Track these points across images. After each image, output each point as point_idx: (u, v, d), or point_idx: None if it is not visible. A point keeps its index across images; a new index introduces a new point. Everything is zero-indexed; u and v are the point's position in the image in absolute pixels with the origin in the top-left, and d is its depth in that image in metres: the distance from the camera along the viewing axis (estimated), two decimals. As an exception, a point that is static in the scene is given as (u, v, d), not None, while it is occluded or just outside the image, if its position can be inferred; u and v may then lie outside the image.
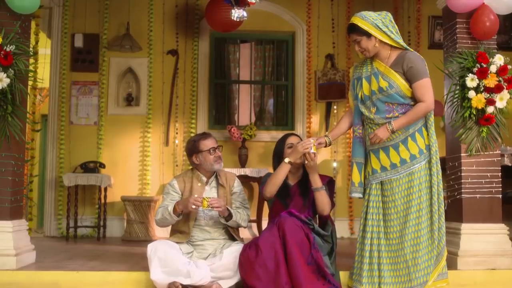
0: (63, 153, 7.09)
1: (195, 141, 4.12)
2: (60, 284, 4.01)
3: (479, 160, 4.38)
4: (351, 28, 3.81)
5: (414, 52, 3.83)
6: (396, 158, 3.75)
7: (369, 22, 3.73)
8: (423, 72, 3.72)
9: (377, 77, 3.79)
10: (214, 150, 4.08)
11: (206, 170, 4.13)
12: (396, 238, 3.72)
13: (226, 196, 4.14)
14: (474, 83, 4.24)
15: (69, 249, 5.69)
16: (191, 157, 4.14)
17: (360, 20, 3.75)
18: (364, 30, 3.74)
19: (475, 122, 4.32)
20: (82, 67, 7.20)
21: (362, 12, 3.80)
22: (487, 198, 4.38)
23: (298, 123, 7.34)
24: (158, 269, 3.81)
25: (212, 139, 4.14)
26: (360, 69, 3.98)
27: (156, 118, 7.22)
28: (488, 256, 4.28)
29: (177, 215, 3.98)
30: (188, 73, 7.32)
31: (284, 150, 4.05)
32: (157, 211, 4.11)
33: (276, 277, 3.61)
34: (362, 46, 3.80)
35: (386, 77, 3.76)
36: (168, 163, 7.20)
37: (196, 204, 3.85)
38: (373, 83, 3.81)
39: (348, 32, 3.88)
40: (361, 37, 3.77)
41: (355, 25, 3.77)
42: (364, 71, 3.92)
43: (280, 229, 3.74)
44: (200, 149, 4.08)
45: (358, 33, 3.77)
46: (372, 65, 3.88)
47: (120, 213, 7.04)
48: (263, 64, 7.67)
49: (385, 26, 3.75)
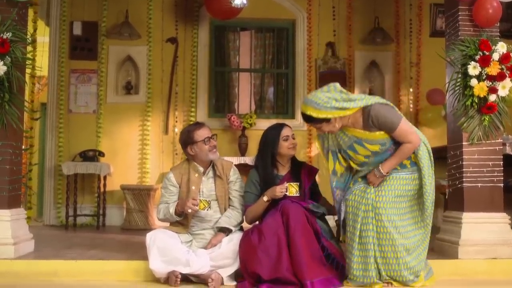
0: (62, 142, 7.06)
1: (189, 132, 4.06)
2: (58, 273, 3.98)
3: (481, 149, 4.35)
4: (307, 119, 3.63)
5: (374, 104, 3.59)
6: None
7: (323, 108, 3.51)
8: (395, 119, 3.56)
9: (361, 144, 3.64)
10: (209, 139, 4.03)
11: (202, 160, 4.09)
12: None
13: (223, 186, 4.11)
14: (476, 71, 4.20)
15: (68, 238, 5.67)
16: (186, 148, 4.09)
17: (313, 111, 3.53)
18: (320, 119, 3.55)
19: (477, 110, 4.29)
20: (80, 55, 7.16)
21: (310, 98, 3.59)
22: (489, 187, 4.35)
23: (298, 111, 7.25)
24: (157, 258, 3.80)
25: (206, 128, 4.07)
26: (333, 141, 3.80)
27: (156, 107, 7.19)
28: (489, 246, 4.25)
29: (179, 216, 3.99)
30: (188, 61, 7.27)
31: (279, 142, 3.99)
32: (158, 209, 4.10)
33: (278, 263, 3.61)
34: (324, 130, 3.65)
35: (373, 140, 3.61)
36: (167, 151, 7.17)
37: (192, 208, 3.85)
38: (361, 150, 3.66)
39: (304, 120, 3.72)
40: (320, 124, 3.61)
41: (309, 117, 3.58)
42: (341, 142, 3.75)
43: (283, 215, 3.73)
44: (195, 139, 4.02)
45: (316, 122, 3.60)
46: (345, 133, 3.70)
47: (120, 201, 7.01)
48: (263, 52, 7.62)
49: (339, 101, 3.52)
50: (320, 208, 3.95)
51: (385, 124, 3.55)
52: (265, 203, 3.93)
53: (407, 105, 7.41)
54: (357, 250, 3.64)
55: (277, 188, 3.87)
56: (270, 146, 4.02)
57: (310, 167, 4.20)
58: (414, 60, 7.44)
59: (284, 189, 3.85)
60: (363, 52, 7.42)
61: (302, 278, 3.54)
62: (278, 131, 4.01)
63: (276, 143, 3.99)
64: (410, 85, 7.43)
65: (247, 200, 4.06)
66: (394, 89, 7.42)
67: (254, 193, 4.05)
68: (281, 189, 3.86)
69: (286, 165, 4.10)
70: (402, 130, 3.56)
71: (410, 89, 7.42)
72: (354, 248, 3.65)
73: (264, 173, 4.02)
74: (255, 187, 4.06)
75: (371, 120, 3.56)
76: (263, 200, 3.94)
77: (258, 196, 4.03)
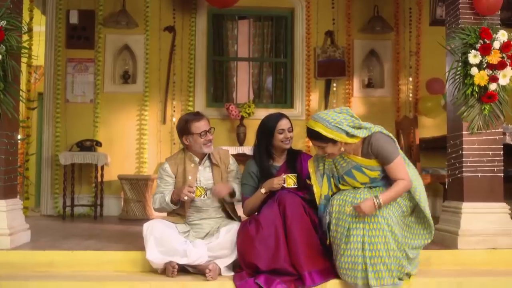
0: (59, 132, 7.02)
1: (187, 122, 4.00)
2: (55, 264, 3.95)
3: (481, 138, 4.32)
4: (314, 136, 3.52)
5: (377, 133, 3.56)
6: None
7: (334, 129, 3.44)
8: (392, 152, 3.52)
9: (361, 170, 3.59)
10: (206, 133, 3.98)
11: (196, 151, 4.05)
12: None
13: (221, 174, 4.08)
14: (477, 60, 4.15)
15: (65, 228, 5.64)
16: (181, 137, 4.06)
17: (324, 129, 3.45)
18: (327, 138, 3.47)
19: (477, 99, 4.24)
20: (77, 44, 7.09)
21: (322, 116, 3.51)
22: (489, 177, 4.32)
23: (297, 100, 7.27)
24: (154, 249, 3.77)
25: (204, 120, 4.01)
26: (329, 165, 3.74)
27: (153, 96, 7.14)
28: (489, 236, 4.23)
29: (175, 204, 3.96)
30: (186, 50, 7.21)
31: (275, 135, 3.93)
32: (154, 199, 4.06)
33: (275, 254, 3.59)
34: (327, 151, 3.55)
35: (373, 167, 3.58)
36: (165, 141, 7.12)
37: (188, 196, 3.81)
38: (360, 176, 3.61)
39: (308, 136, 3.62)
40: (326, 144, 3.51)
41: (318, 134, 3.48)
42: (338, 167, 3.68)
43: (280, 205, 3.70)
44: (191, 131, 3.97)
45: (321, 141, 3.50)
46: (344, 158, 3.64)
47: (117, 191, 6.98)
48: (261, 41, 7.56)
49: (350, 127, 3.48)
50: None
51: (382, 153, 3.51)
52: (263, 195, 3.90)
53: (406, 94, 7.36)
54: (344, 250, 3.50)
55: (275, 180, 3.83)
56: (266, 137, 3.97)
57: (306, 155, 4.15)
58: (414, 49, 7.38)
59: (281, 181, 3.81)
60: (362, 40, 7.36)
61: (300, 269, 3.53)
62: (275, 122, 3.95)
63: (272, 134, 3.94)
64: (410, 74, 7.38)
65: (245, 192, 4.02)
66: (393, 78, 7.37)
67: (251, 185, 4.02)
68: (279, 181, 3.81)
69: (282, 156, 4.06)
70: (397, 165, 3.51)
71: (409, 78, 7.37)
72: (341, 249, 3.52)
73: (260, 164, 3.98)
74: (252, 179, 4.02)
75: (370, 147, 3.53)
76: (260, 193, 3.90)
77: (255, 188, 3.99)
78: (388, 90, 7.36)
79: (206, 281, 3.64)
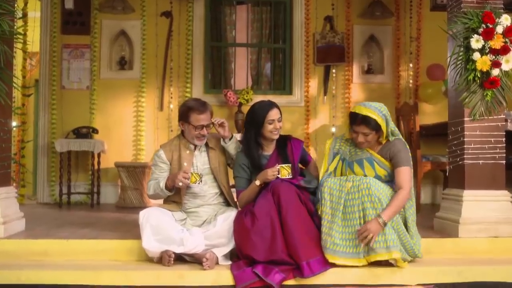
0: (55, 119, 6.95)
1: (189, 109, 3.92)
2: (49, 252, 3.89)
3: (483, 125, 4.25)
4: (365, 121, 3.56)
5: (400, 139, 3.72)
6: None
7: (383, 118, 3.58)
8: (408, 160, 3.64)
9: (372, 163, 3.68)
10: (202, 128, 3.91)
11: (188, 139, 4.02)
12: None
13: (218, 157, 4.04)
14: (479, 45, 4.08)
15: (61, 216, 5.58)
16: (179, 121, 4.03)
17: (377, 116, 3.55)
18: (378, 126, 3.56)
19: (479, 85, 4.17)
20: (73, 30, 7.00)
21: (372, 104, 3.62)
22: (490, 164, 4.26)
23: (296, 87, 7.18)
24: (150, 237, 3.72)
25: (206, 114, 3.92)
26: (344, 146, 3.81)
27: (150, 82, 7.06)
28: (490, 224, 4.18)
29: (169, 190, 3.90)
30: (183, 35, 7.12)
31: (265, 125, 3.83)
32: (148, 185, 4.01)
33: (272, 245, 3.53)
34: (368, 139, 3.62)
35: (384, 165, 3.68)
36: (162, 128, 7.05)
37: (183, 182, 3.74)
38: (368, 169, 3.69)
39: (356, 122, 3.60)
40: (371, 132, 3.58)
41: (370, 120, 3.55)
42: (353, 153, 3.76)
43: (274, 195, 3.64)
44: (189, 120, 3.92)
45: (370, 128, 3.57)
46: (361, 148, 3.73)
47: (114, 179, 6.92)
48: (260, 27, 7.47)
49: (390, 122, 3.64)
50: (312, 183, 3.86)
51: (398, 157, 3.61)
52: (258, 187, 3.82)
53: (406, 80, 7.28)
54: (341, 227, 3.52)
55: (269, 171, 3.75)
56: (254, 127, 3.87)
57: (296, 140, 4.04)
58: (414, 35, 7.29)
59: (275, 172, 3.74)
60: (362, 26, 7.27)
61: (298, 259, 3.47)
62: (265, 112, 3.83)
63: (261, 124, 3.84)
64: (410, 60, 7.29)
65: (239, 185, 3.94)
66: (394, 64, 7.29)
67: (244, 177, 3.94)
68: (273, 172, 3.74)
69: (272, 144, 3.97)
70: (407, 172, 3.59)
71: (409, 64, 7.29)
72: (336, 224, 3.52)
73: (249, 154, 3.90)
74: (244, 171, 3.94)
75: (389, 149, 3.64)
76: (255, 185, 3.82)
77: (248, 180, 3.92)
78: (388, 76, 7.29)
79: (203, 270, 3.58)
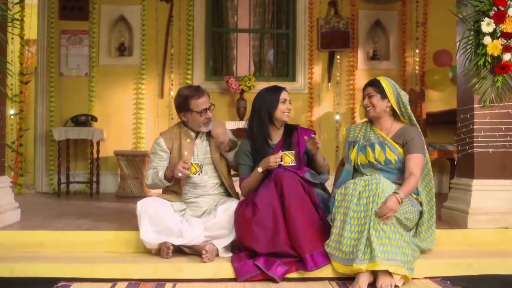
0: (53, 106, 6.86)
1: (186, 98, 3.79)
2: (44, 244, 3.77)
3: (493, 112, 4.11)
4: (371, 83, 3.74)
5: (417, 127, 3.71)
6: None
7: (393, 88, 3.70)
8: (422, 149, 3.61)
9: (383, 147, 3.66)
10: (206, 111, 3.78)
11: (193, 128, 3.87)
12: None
13: (218, 148, 3.89)
14: (490, 28, 3.93)
15: (59, 206, 5.47)
16: (179, 113, 3.87)
17: (384, 80, 3.72)
18: (382, 89, 3.68)
19: (489, 70, 4.02)
20: (71, 15, 6.89)
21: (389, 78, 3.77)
22: (501, 153, 4.11)
23: (299, 73, 7.08)
24: (149, 228, 3.60)
25: (205, 97, 3.80)
26: (358, 133, 3.82)
27: (150, 69, 6.95)
28: (500, 214, 4.05)
29: (168, 181, 3.78)
30: (184, 21, 7.00)
31: (278, 105, 3.76)
32: (147, 175, 3.88)
33: (274, 236, 3.40)
34: (373, 101, 3.69)
35: (395, 149, 3.63)
36: (163, 116, 6.94)
37: (183, 172, 3.62)
38: (379, 153, 3.65)
39: (366, 85, 3.77)
40: (376, 94, 3.69)
41: (377, 82, 3.72)
42: (365, 138, 3.76)
43: (277, 185, 3.50)
44: (190, 108, 3.78)
45: (375, 88, 3.70)
46: (374, 132, 3.75)
47: (114, 168, 6.82)
48: (262, 12, 7.36)
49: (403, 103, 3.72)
50: (317, 178, 3.73)
51: (414, 142, 3.58)
52: (260, 174, 3.70)
53: (412, 67, 7.17)
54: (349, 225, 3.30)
55: (271, 158, 3.63)
56: (266, 108, 3.76)
57: (304, 129, 3.95)
58: (421, 20, 7.17)
59: (278, 159, 3.61)
60: (367, 11, 7.14)
61: (301, 252, 3.34)
62: (278, 92, 3.79)
63: (275, 105, 3.75)
64: (416, 46, 7.17)
65: (242, 173, 3.84)
66: (399, 50, 7.18)
67: (248, 164, 3.83)
68: (275, 159, 3.62)
69: (279, 132, 3.86)
70: (419, 159, 3.56)
71: (416, 50, 7.18)
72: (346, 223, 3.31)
73: (256, 139, 3.78)
74: (248, 158, 3.83)
75: (405, 133, 3.63)
76: (257, 172, 3.70)
77: (252, 167, 3.81)
78: (393, 62, 7.20)
79: (202, 263, 3.46)
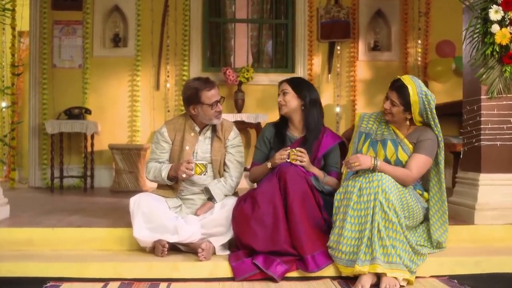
0: (46, 99, 6.74)
1: (197, 90, 3.63)
2: (34, 242, 3.63)
3: (501, 103, 3.97)
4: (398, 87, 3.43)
5: (436, 134, 3.52)
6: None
7: (419, 95, 3.39)
8: (431, 152, 3.47)
9: (396, 146, 3.50)
10: (217, 104, 3.65)
11: (202, 121, 3.73)
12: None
13: (221, 149, 3.76)
14: (499, 16, 3.80)
15: (51, 201, 5.33)
16: (189, 106, 3.70)
17: (413, 88, 3.40)
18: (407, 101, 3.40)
19: (497, 60, 3.89)
20: (64, 5, 6.77)
21: (420, 82, 3.47)
22: (509, 146, 3.99)
23: (298, 65, 6.98)
24: (142, 225, 3.48)
25: (215, 89, 3.68)
26: (372, 125, 3.66)
27: (146, 60, 6.83)
28: (508, 210, 3.92)
29: (171, 180, 3.67)
30: (180, 11, 6.88)
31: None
32: (148, 168, 3.75)
33: (274, 234, 3.26)
34: (392, 111, 3.47)
35: (407, 149, 3.50)
36: (159, 108, 6.82)
37: (187, 173, 3.50)
38: (390, 151, 3.50)
39: (393, 87, 3.47)
40: (399, 105, 3.43)
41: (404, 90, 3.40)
42: (378, 132, 3.60)
43: (281, 180, 3.36)
44: (202, 101, 3.63)
45: (400, 97, 3.41)
46: (389, 128, 3.58)
47: (109, 162, 6.68)
48: (261, 1, 7.25)
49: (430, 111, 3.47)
50: (320, 186, 3.58)
51: (425, 144, 3.45)
52: (269, 170, 3.60)
53: (415, 57, 7.06)
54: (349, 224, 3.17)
55: (277, 155, 3.54)
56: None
57: (333, 134, 3.80)
58: (423, 9, 7.04)
59: (285, 156, 3.50)
60: (368, 0, 7.01)
61: (302, 252, 3.20)
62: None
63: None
64: (419, 36, 7.05)
65: (256, 158, 3.80)
66: (401, 41, 7.06)
67: (263, 151, 3.80)
68: (281, 156, 3.51)
69: (299, 127, 3.74)
70: (423, 160, 3.42)
71: (418, 41, 7.06)
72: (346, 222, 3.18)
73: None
74: (265, 145, 3.78)
75: (420, 133, 3.49)
76: (267, 167, 3.61)
77: (266, 155, 3.75)
78: (395, 53, 7.09)
79: (198, 261, 3.33)
